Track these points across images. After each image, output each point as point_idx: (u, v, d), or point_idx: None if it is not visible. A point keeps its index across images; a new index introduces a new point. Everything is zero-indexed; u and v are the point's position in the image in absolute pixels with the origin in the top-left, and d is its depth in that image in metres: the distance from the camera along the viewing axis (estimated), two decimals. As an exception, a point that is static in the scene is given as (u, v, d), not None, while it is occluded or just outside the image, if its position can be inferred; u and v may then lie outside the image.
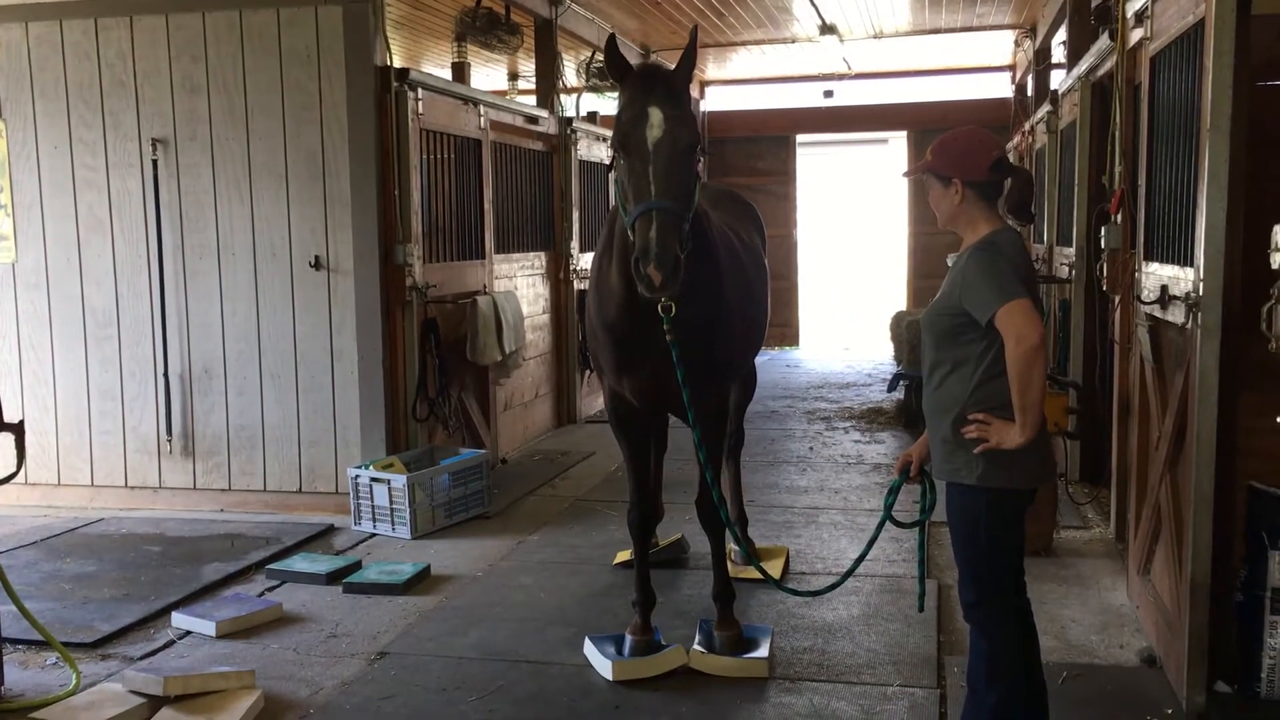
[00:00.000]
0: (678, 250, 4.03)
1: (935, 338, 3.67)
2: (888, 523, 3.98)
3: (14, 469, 4.82)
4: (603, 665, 4.77)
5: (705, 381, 4.71)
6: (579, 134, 10.86)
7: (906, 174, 4.06)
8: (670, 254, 3.99)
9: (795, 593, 4.62)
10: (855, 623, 5.30)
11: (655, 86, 4.25)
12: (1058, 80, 10.25)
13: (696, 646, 4.90)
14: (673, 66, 4.42)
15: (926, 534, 4.08)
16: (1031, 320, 3.42)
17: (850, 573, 4.32)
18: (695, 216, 4.40)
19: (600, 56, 12.35)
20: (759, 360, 7.50)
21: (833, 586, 4.44)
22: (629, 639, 4.87)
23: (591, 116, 12.50)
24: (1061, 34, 10.34)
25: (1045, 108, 9.72)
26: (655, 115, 4.17)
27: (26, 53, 7.67)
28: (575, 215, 10.76)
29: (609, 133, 11.91)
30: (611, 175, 4.43)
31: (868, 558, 4.30)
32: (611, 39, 4.38)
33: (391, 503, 6.87)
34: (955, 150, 3.66)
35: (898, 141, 17.90)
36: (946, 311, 3.61)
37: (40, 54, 7.65)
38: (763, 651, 4.82)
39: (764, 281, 5.71)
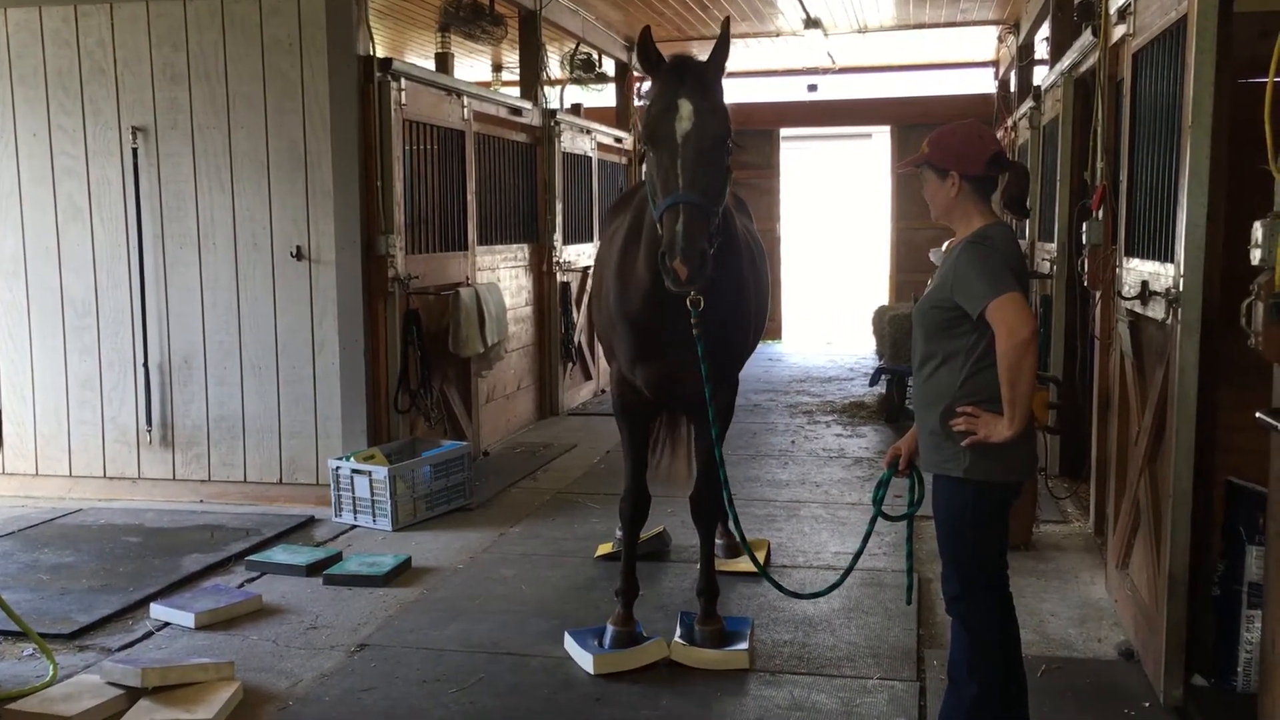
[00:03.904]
0: (704, 245, 3.98)
1: (926, 330, 3.68)
2: (879, 517, 3.99)
3: (-9, 459, 4.79)
4: (583, 658, 4.77)
5: (722, 376, 4.70)
6: (563, 126, 10.84)
7: (901, 166, 4.03)
8: (696, 249, 3.94)
9: (798, 595, 4.58)
10: (836, 616, 5.31)
11: (685, 78, 4.18)
12: (1041, 76, 10.28)
13: (678, 639, 4.90)
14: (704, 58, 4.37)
15: (913, 527, 4.09)
16: (1023, 314, 3.43)
17: (849, 570, 4.28)
18: (723, 212, 4.37)
19: (584, 48, 12.36)
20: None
21: (833, 586, 4.40)
22: (610, 630, 4.87)
23: (575, 109, 12.48)
24: (1045, 30, 10.36)
25: (1028, 103, 9.75)
26: (685, 107, 4.12)
27: (5, 39, 7.60)
28: (558, 207, 10.74)
29: (593, 125, 12.03)
30: (643, 167, 4.40)
31: (849, 552, 4.30)
32: (646, 31, 4.32)
33: (373, 494, 6.85)
34: (954, 144, 3.65)
35: (881, 136, 17.96)
36: (938, 304, 3.62)
37: (19, 40, 7.58)
38: (743, 644, 4.82)
39: (768, 277, 5.72)
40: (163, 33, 7.37)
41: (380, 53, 7.39)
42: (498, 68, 14.96)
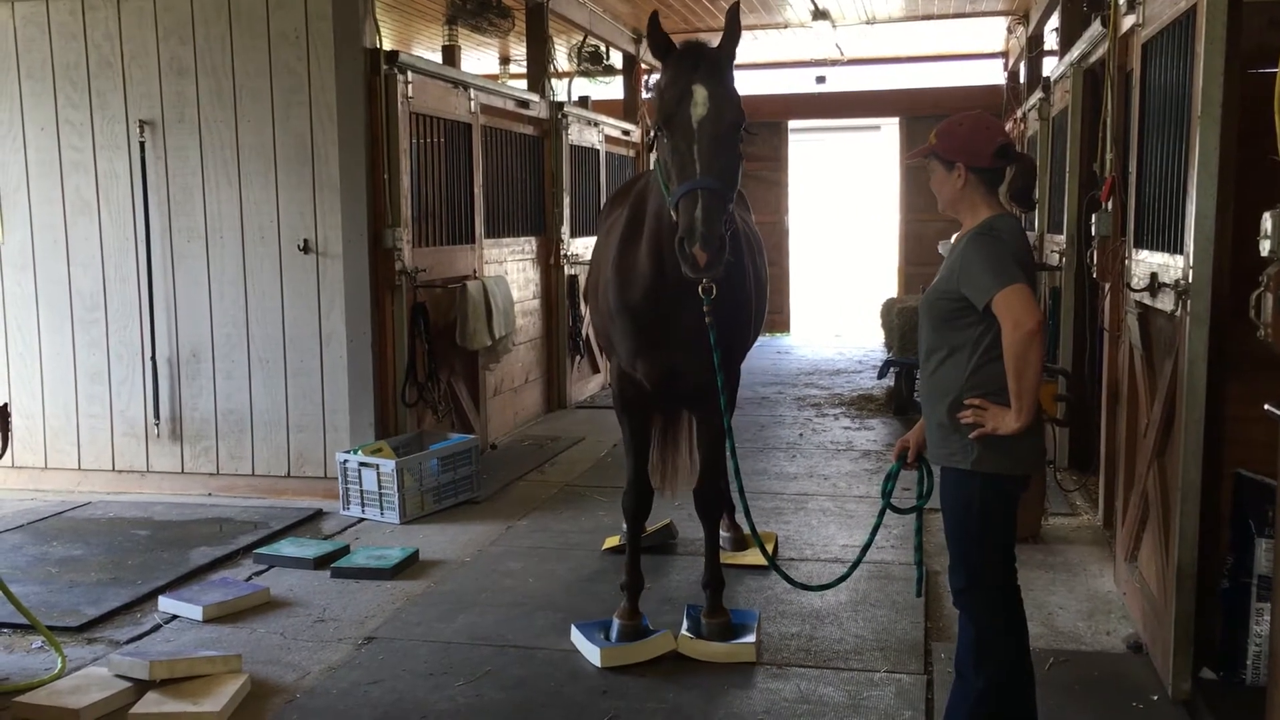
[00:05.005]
0: (722, 230, 3.95)
1: (932, 322, 3.66)
2: (887, 510, 3.98)
3: (0, 452, 4.80)
4: (590, 651, 4.77)
5: (727, 367, 4.69)
6: (570, 118, 10.82)
7: (909, 157, 4.01)
8: (715, 234, 3.91)
9: (806, 587, 4.57)
10: (843, 609, 5.30)
11: (699, 64, 4.16)
12: (1050, 67, 10.23)
13: (684, 632, 4.90)
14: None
15: (922, 520, 4.09)
16: (1029, 305, 3.41)
17: (858, 563, 4.29)
18: None
19: (592, 41, 12.34)
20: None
21: (841, 579, 4.39)
22: (617, 624, 4.87)
23: (583, 101, 12.46)
24: (1054, 20, 10.33)
25: (1037, 95, 9.71)
26: (700, 93, 4.09)
27: (13, 33, 7.61)
28: (566, 200, 10.73)
29: (600, 117, 12.01)
30: (653, 155, 4.38)
31: (857, 545, 4.30)
32: (654, 16, 4.30)
33: (380, 488, 6.86)
34: (960, 135, 3.62)
35: (890, 128, 17.87)
36: (944, 296, 3.60)
37: (27, 34, 7.60)
38: (750, 637, 4.82)
39: (766, 269, 5.71)
40: (169, 26, 7.38)
41: (387, 46, 7.38)
42: (505, 60, 14.94)
